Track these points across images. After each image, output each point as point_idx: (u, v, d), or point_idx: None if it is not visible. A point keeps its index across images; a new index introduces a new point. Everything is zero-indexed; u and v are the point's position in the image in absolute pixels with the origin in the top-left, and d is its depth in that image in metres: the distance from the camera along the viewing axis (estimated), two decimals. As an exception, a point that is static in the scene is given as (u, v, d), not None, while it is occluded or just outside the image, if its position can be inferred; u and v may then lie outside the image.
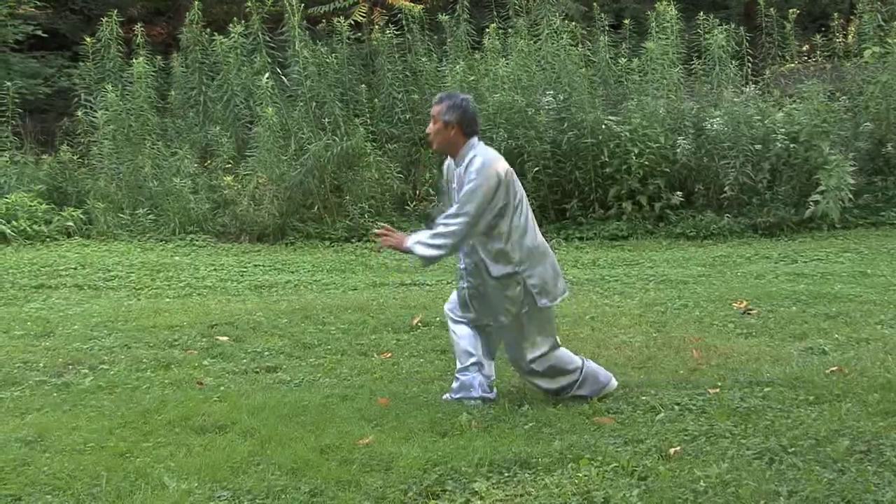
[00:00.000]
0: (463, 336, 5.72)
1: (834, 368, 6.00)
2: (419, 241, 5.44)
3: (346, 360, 6.75)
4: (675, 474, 4.45)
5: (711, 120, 11.91)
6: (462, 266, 5.65)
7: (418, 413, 5.40)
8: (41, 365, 6.68)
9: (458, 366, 5.73)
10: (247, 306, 8.38)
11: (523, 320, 5.49)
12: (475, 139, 5.55)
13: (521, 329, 5.51)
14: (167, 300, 8.84)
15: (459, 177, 5.51)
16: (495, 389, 5.75)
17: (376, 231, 5.74)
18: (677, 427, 5.11)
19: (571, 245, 11.37)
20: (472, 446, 4.87)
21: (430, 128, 5.60)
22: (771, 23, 14.16)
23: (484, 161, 5.41)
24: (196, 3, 14.01)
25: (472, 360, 5.68)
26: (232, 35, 13.39)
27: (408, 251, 5.49)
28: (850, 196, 11.48)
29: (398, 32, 13.70)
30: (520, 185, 5.56)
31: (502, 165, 5.45)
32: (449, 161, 5.71)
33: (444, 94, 5.68)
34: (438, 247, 5.40)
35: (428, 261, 5.51)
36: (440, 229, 5.41)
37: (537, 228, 5.60)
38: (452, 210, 5.42)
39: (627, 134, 11.77)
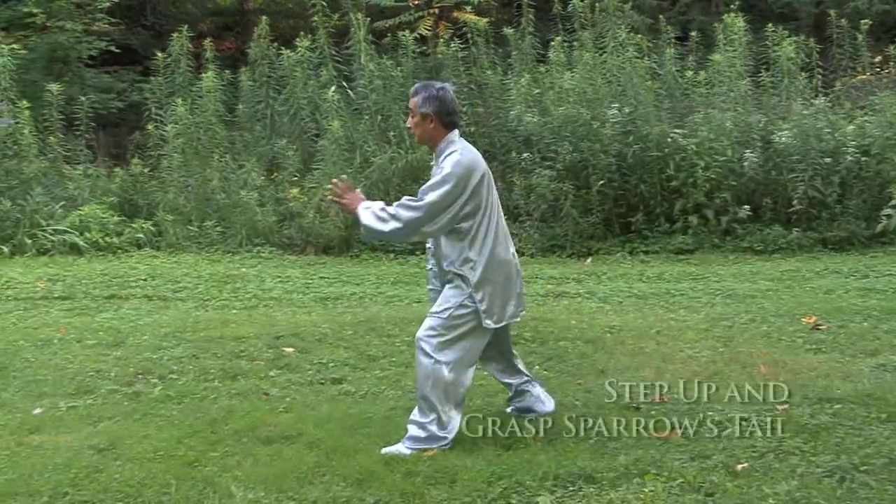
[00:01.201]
0: (494, 371, 5.67)
1: (907, 386, 5.90)
2: (369, 208, 5.22)
3: (410, 372, 6.74)
4: (742, 491, 4.41)
5: (780, 133, 11.76)
6: (429, 267, 5.52)
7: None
8: (112, 374, 6.81)
9: (509, 395, 5.70)
10: (312, 318, 8.45)
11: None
12: (455, 133, 5.26)
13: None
14: (234, 311, 8.94)
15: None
16: (550, 399, 5.69)
17: (334, 181, 5.44)
18: (745, 443, 5.06)
19: (636, 259, 11.28)
20: (536, 460, 4.86)
21: (410, 121, 5.34)
22: (842, 34, 13.95)
23: (459, 158, 5.13)
24: (264, 18, 14.20)
25: (515, 386, 5.62)
26: (299, 49, 13.53)
27: (354, 215, 5.28)
28: (924, 210, 11.26)
29: (463, 46, 13.74)
30: (496, 193, 5.31)
31: (479, 165, 5.20)
32: None
33: (421, 85, 5.36)
34: (384, 221, 5.14)
35: (369, 232, 5.25)
36: (393, 209, 5.16)
37: (510, 244, 5.35)
38: (415, 197, 5.18)
39: (694, 147, 11.67)
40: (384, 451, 5.11)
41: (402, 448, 5.12)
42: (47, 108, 13.41)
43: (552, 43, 13.52)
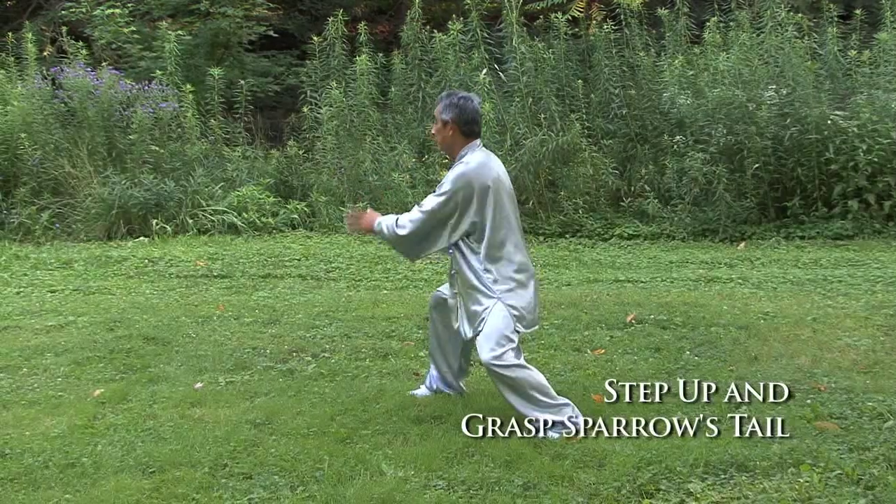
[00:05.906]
0: (443, 365, 5.90)
1: None
2: (382, 222, 5.57)
3: (559, 355, 6.77)
4: (904, 486, 4.26)
5: (949, 114, 11.25)
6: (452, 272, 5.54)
7: (632, 411, 5.36)
8: (268, 351, 7.02)
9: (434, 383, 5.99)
10: (462, 299, 8.49)
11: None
12: (476, 142, 5.39)
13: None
14: (385, 292, 9.09)
15: None
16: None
17: (348, 213, 6.01)
18: (907, 436, 4.88)
19: (792, 244, 10.97)
20: (687, 446, 4.81)
21: (433, 127, 5.49)
22: None
23: (463, 171, 5.26)
24: (416, 1, 14.32)
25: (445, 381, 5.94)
26: (451, 32, 13.59)
27: (373, 233, 5.65)
28: None
29: (616, 27, 13.58)
30: (510, 202, 5.36)
31: (485, 177, 5.26)
32: None
33: (445, 93, 5.50)
34: (401, 227, 5.44)
35: (392, 241, 5.59)
36: (403, 216, 5.49)
37: (524, 250, 5.40)
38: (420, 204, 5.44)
39: (855, 129, 11.26)
40: (532, 434, 5.13)
41: (550, 434, 5.13)
42: (209, 92, 13.87)
43: (707, 24, 13.24)
